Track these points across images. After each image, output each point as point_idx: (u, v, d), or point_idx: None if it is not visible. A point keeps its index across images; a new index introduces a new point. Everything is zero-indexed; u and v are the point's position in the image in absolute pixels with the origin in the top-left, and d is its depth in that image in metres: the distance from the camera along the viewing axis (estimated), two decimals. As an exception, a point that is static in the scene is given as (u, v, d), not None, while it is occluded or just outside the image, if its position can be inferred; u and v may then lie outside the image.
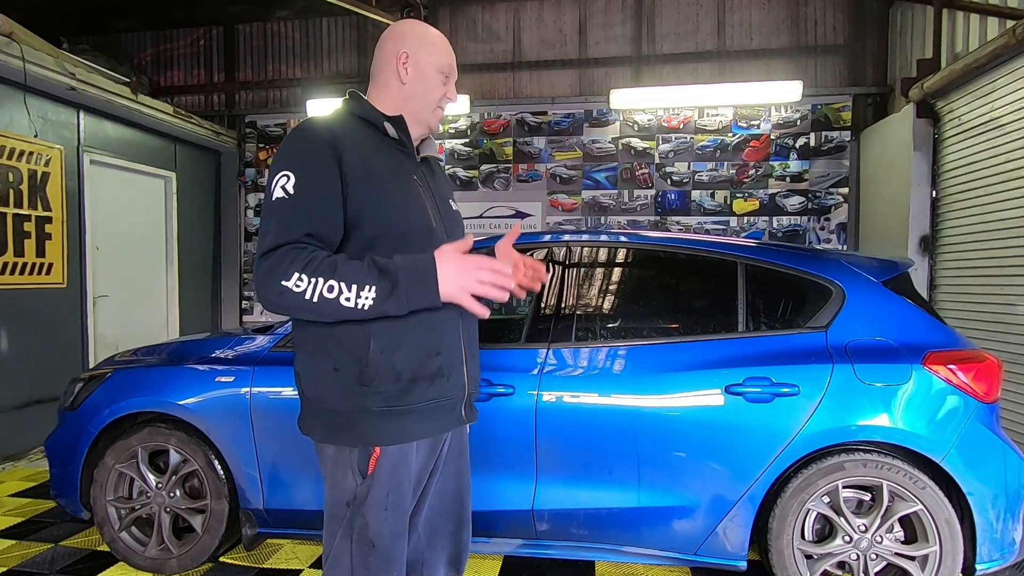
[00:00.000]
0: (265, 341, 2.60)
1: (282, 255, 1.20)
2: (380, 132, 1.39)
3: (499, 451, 2.29)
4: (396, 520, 1.38)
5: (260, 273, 1.22)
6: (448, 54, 1.45)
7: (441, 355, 1.37)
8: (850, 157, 5.40)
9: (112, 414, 2.57)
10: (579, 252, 2.55)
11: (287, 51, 6.43)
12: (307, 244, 1.23)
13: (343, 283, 1.19)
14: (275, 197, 1.26)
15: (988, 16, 3.90)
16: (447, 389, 1.40)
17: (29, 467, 4.03)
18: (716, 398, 2.18)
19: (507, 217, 5.90)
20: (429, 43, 1.43)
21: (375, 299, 1.20)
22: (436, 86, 1.44)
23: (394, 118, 1.40)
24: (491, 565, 2.64)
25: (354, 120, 1.38)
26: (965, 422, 2.09)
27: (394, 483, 1.36)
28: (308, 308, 1.21)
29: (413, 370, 1.33)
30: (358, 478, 1.35)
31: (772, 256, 2.39)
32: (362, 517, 1.35)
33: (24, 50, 3.94)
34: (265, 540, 2.83)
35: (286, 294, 1.19)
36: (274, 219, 1.25)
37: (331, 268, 1.20)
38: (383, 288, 1.20)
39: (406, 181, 1.38)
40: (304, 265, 1.19)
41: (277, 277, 1.19)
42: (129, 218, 5.33)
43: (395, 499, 1.37)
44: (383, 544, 1.36)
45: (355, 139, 1.33)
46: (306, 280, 1.18)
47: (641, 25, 5.76)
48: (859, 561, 2.15)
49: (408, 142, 1.43)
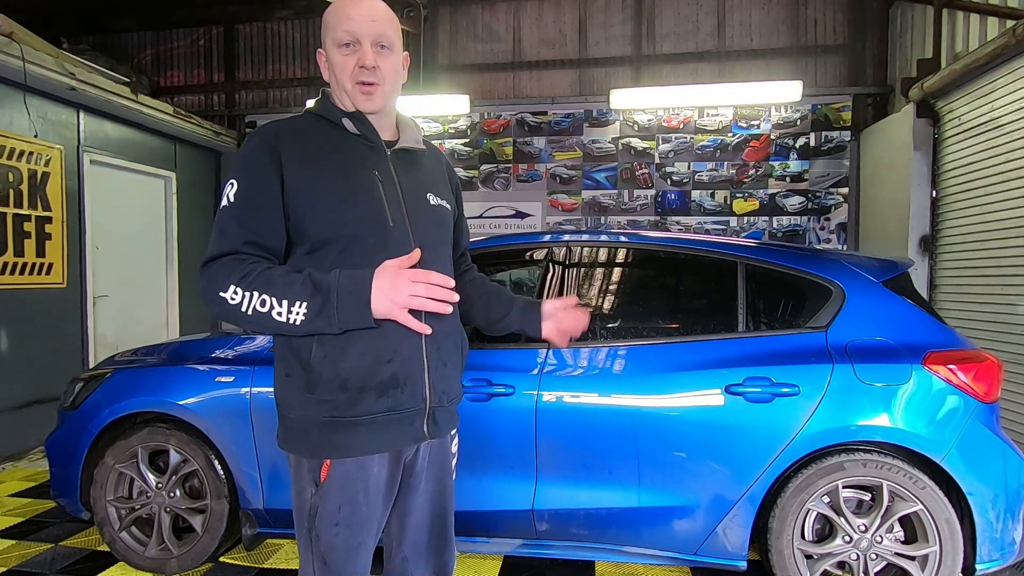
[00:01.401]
0: (265, 341, 2.60)
1: (221, 266, 1.21)
2: (340, 128, 1.33)
3: (499, 451, 2.29)
4: (350, 535, 1.31)
5: (202, 282, 1.23)
6: (343, 20, 1.27)
7: (393, 363, 1.27)
8: (850, 157, 5.40)
9: (112, 414, 2.57)
10: (579, 252, 2.55)
11: (287, 51, 6.43)
12: (247, 255, 1.22)
13: (275, 298, 1.18)
14: (221, 205, 1.26)
15: (988, 16, 3.90)
16: (401, 401, 1.29)
17: (29, 467, 4.03)
18: (716, 398, 2.18)
19: (507, 217, 5.90)
20: (326, 24, 1.31)
21: (306, 315, 1.18)
22: (342, 63, 1.29)
23: (352, 114, 1.33)
24: (491, 565, 2.64)
25: (313, 120, 1.34)
26: (965, 422, 2.09)
27: (346, 496, 1.29)
28: (245, 320, 1.20)
29: (361, 379, 1.26)
30: (312, 488, 1.30)
31: (772, 256, 2.39)
32: (315, 530, 1.30)
33: (24, 50, 3.94)
34: (265, 540, 2.83)
35: (224, 305, 1.20)
36: (216, 228, 1.25)
37: (266, 282, 1.19)
38: (314, 305, 1.18)
39: (362, 179, 1.30)
40: (240, 277, 1.19)
41: (215, 288, 1.20)
42: (129, 218, 5.33)
43: (348, 513, 1.29)
44: (334, 559, 1.31)
45: (304, 141, 1.29)
46: (240, 293, 1.18)
47: (641, 25, 5.76)
48: (859, 561, 2.15)
49: (372, 135, 1.34)
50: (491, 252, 2.62)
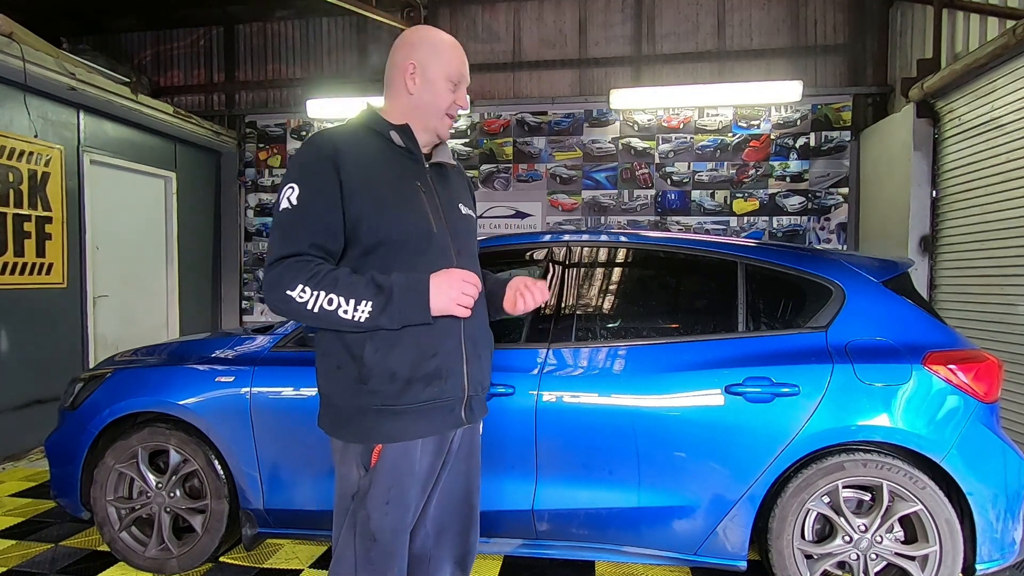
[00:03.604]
0: (265, 341, 2.60)
1: (288, 266, 1.31)
2: (387, 141, 1.45)
3: (499, 451, 2.28)
4: (397, 515, 1.42)
5: (268, 282, 1.34)
6: (458, 61, 1.48)
7: (438, 357, 1.41)
8: (850, 157, 5.40)
9: (112, 414, 2.57)
10: (579, 252, 2.55)
11: (287, 51, 6.43)
12: (312, 257, 1.33)
13: (342, 297, 1.30)
14: (281, 208, 1.36)
15: (988, 16, 3.90)
16: (444, 391, 1.43)
17: (29, 467, 4.03)
18: (716, 398, 2.18)
19: (507, 217, 5.90)
20: (438, 52, 1.46)
21: (371, 313, 1.30)
22: (444, 94, 1.47)
23: (400, 127, 1.45)
24: (491, 565, 2.64)
25: (362, 130, 1.45)
26: (965, 422, 2.09)
27: (395, 478, 1.40)
28: (309, 317, 1.31)
29: (409, 371, 1.38)
30: (361, 471, 1.42)
31: (772, 256, 2.39)
32: (364, 510, 1.40)
33: (24, 50, 3.94)
34: (265, 540, 2.83)
35: (291, 303, 1.30)
36: (279, 230, 1.36)
37: (332, 283, 1.30)
38: (379, 303, 1.30)
39: (408, 188, 1.43)
40: (308, 277, 1.30)
41: (283, 287, 1.30)
42: (129, 218, 5.33)
43: (397, 494, 1.41)
44: (384, 538, 1.41)
45: (358, 150, 1.40)
46: (309, 292, 1.29)
47: (641, 25, 5.76)
48: (859, 561, 2.15)
49: (415, 149, 1.47)
50: (491, 252, 2.61)
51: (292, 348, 2.52)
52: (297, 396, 2.40)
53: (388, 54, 1.51)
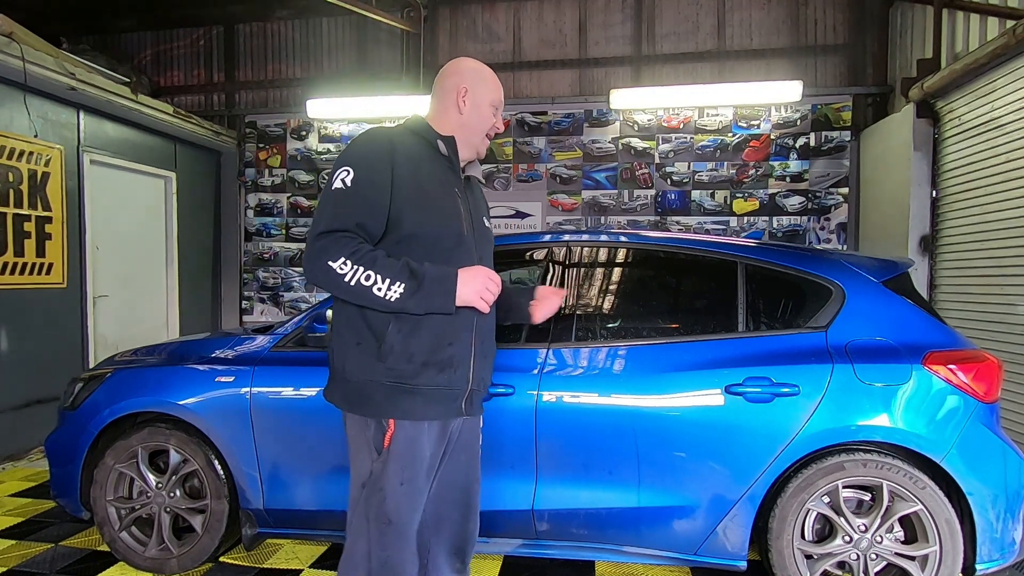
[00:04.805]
0: (265, 341, 2.60)
1: (334, 239, 1.42)
2: (433, 148, 1.59)
3: (499, 451, 2.28)
4: (412, 496, 1.51)
5: (312, 251, 1.43)
6: (500, 90, 1.69)
7: (453, 346, 1.53)
8: (850, 157, 5.40)
9: (112, 414, 2.57)
10: (579, 252, 2.55)
11: (287, 51, 6.43)
12: (356, 235, 1.44)
13: (379, 275, 1.40)
14: (334, 187, 1.47)
15: (988, 16, 3.90)
16: (453, 380, 1.54)
17: (29, 467, 4.03)
18: (716, 398, 2.18)
19: (507, 217, 5.90)
20: (485, 80, 1.66)
21: (401, 295, 1.41)
22: (488, 118, 1.66)
23: (447, 138, 1.61)
24: (491, 565, 2.64)
25: (411, 135, 1.60)
26: (965, 422, 2.09)
27: (408, 459, 1.49)
28: (344, 289, 1.42)
29: (426, 355, 1.49)
30: (374, 455, 1.50)
31: (772, 256, 2.39)
32: (380, 492, 1.48)
33: (24, 50, 3.94)
34: (265, 540, 2.83)
35: (330, 273, 1.41)
36: (331, 205, 1.46)
37: (371, 261, 1.41)
38: (411, 287, 1.42)
39: (448, 192, 1.57)
40: (351, 253, 1.41)
41: (326, 257, 1.41)
42: (129, 218, 5.33)
43: (410, 475, 1.50)
44: (400, 519, 1.49)
45: (410, 150, 1.54)
46: (349, 265, 1.40)
47: (641, 25, 5.76)
48: (859, 561, 2.15)
49: (456, 160, 1.62)
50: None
51: (292, 348, 2.52)
52: (297, 396, 2.40)
53: (434, 70, 1.62)
